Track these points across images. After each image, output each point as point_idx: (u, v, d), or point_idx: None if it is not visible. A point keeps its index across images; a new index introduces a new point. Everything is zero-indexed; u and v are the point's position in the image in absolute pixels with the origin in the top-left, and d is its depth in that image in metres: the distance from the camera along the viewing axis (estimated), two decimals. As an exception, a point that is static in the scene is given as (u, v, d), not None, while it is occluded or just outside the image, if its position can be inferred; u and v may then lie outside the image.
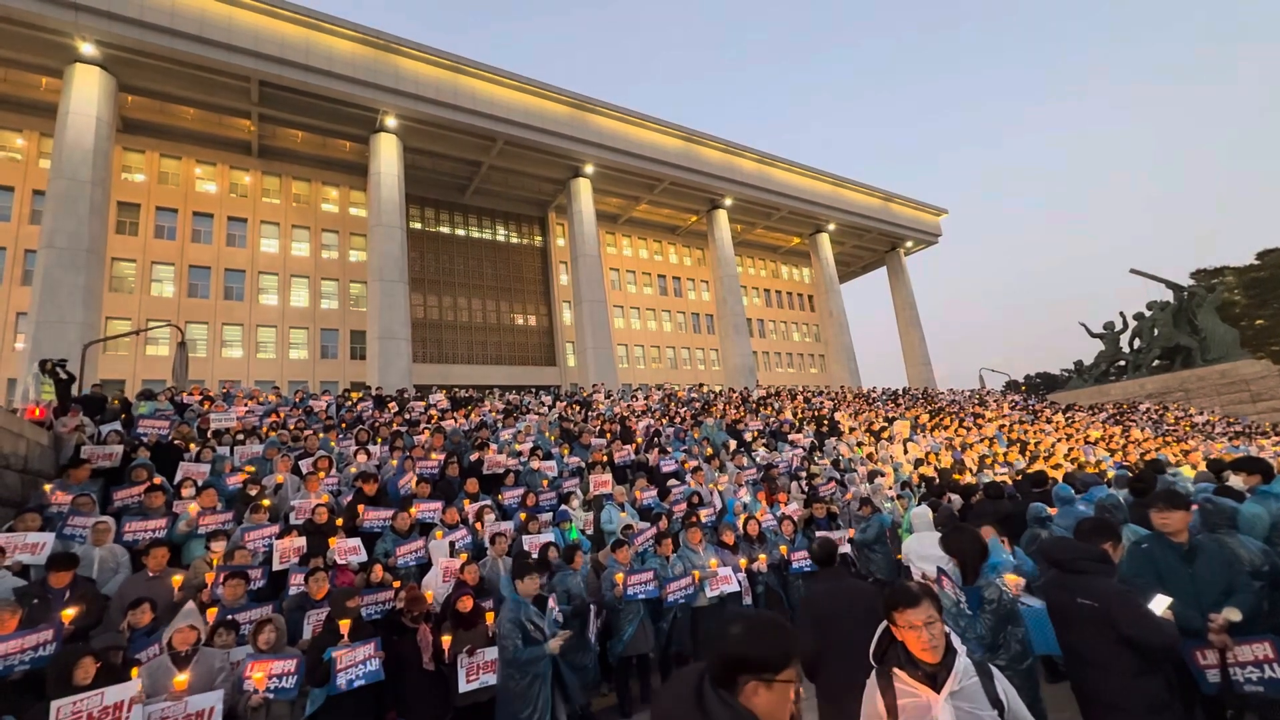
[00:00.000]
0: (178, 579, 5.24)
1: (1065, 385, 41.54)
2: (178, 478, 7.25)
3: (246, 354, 28.96)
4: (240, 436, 9.51)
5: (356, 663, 4.19)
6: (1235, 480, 5.83)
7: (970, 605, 3.46)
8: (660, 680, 6.32)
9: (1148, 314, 37.03)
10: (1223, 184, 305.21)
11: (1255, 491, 4.84)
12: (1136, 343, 37.55)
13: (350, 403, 14.44)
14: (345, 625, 4.42)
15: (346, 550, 5.95)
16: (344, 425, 11.74)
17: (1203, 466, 11.68)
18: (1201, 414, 28.88)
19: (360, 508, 6.89)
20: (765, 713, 1.47)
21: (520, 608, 4.64)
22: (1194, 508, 4.57)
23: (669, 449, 11.59)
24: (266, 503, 6.74)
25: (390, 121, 27.34)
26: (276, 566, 5.78)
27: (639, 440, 12.14)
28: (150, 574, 5.26)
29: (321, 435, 10.32)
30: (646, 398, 19.43)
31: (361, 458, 9.00)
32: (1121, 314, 38.58)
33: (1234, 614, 3.09)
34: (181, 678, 3.76)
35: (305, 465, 8.28)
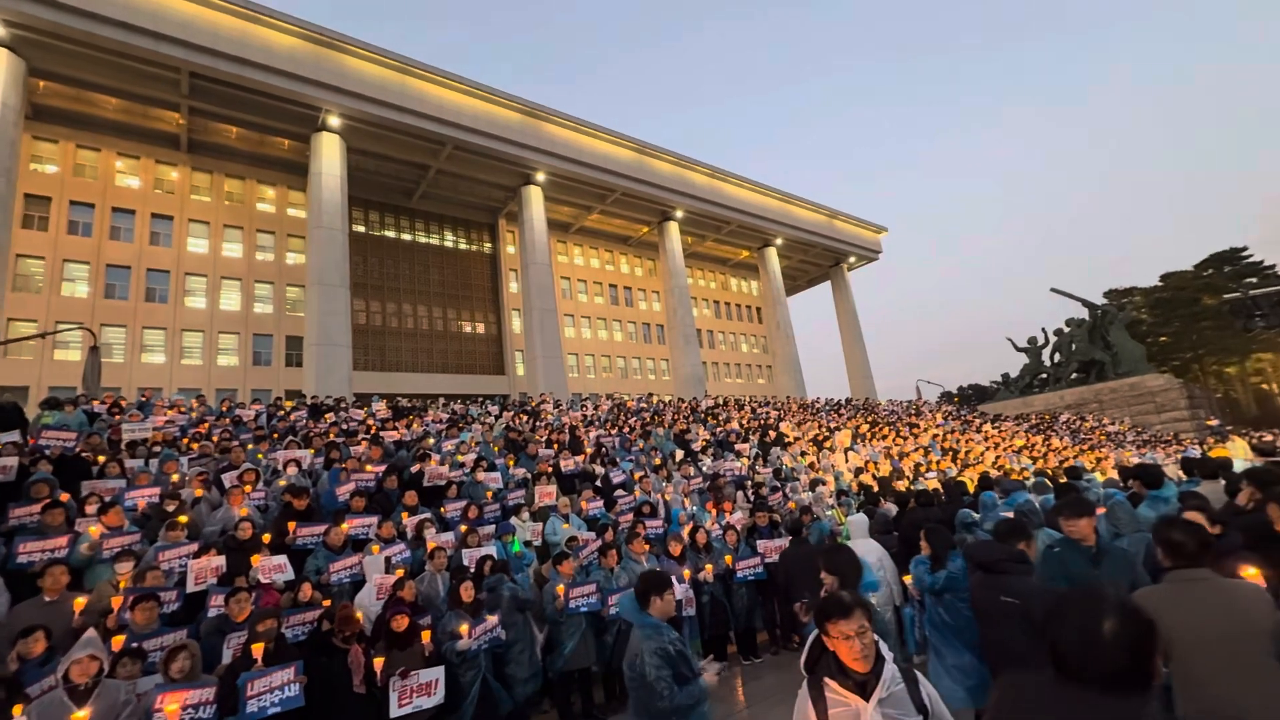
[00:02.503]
0: (80, 602, 4.82)
1: (994, 397, 43.87)
2: (83, 494, 6.69)
3: (170, 360, 27.16)
4: (157, 449, 8.88)
5: (272, 689, 3.93)
6: (1136, 486, 6.38)
7: None
8: (603, 694, 6.24)
9: (1066, 330, 39.56)
10: (1136, 209, 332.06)
11: (1148, 496, 5.47)
12: (1056, 357, 40.01)
13: (283, 412, 13.75)
14: (258, 649, 4.16)
15: (271, 569, 5.62)
16: (275, 436, 11.16)
17: (1113, 473, 12.64)
18: (1114, 424, 31.10)
19: (291, 524, 6.55)
20: None
21: (662, 633, 3.50)
22: (1100, 511, 4.95)
23: (617, 460, 11.55)
24: (184, 519, 6.29)
25: (333, 121, 26.39)
26: (191, 588, 5.39)
27: (588, 450, 12.06)
28: (46, 598, 4.81)
29: (250, 447, 9.77)
30: (596, 407, 19.35)
31: (291, 470, 8.56)
32: (1044, 330, 41.10)
33: None
34: (81, 714, 3.46)
35: (229, 479, 7.77)
